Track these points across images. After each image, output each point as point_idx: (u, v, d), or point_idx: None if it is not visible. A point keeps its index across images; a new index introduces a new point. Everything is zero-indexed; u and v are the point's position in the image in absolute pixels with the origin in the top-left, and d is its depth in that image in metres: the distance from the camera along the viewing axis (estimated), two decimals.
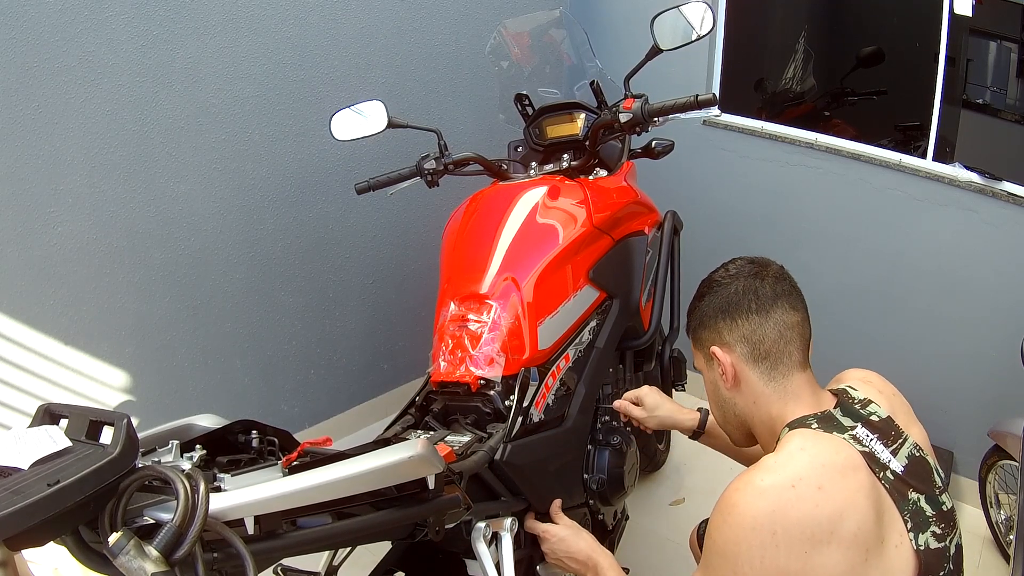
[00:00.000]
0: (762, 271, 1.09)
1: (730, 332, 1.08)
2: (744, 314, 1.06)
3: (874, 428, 1.01)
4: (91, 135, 1.72)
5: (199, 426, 0.98)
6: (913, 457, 1.01)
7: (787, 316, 1.07)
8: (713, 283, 1.11)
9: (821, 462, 0.94)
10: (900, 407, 1.11)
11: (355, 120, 1.71)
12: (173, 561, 0.69)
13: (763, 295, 1.07)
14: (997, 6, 1.97)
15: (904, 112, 2.24)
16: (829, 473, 0.93)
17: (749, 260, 1.13)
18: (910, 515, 0.97)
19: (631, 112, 1.55)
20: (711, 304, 1.10)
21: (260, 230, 2.12)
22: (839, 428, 1.00)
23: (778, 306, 1.07)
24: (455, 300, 1.41)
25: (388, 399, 2.57)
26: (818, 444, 0.97)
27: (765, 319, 1.06)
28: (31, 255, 1.69)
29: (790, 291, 1.09)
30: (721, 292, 1.09)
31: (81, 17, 1.64)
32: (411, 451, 0.88)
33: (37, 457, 0.70)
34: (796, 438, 0.99)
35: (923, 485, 1.00)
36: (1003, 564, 1.97)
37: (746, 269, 1.10)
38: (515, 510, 1.30)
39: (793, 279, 1.12)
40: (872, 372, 1.18)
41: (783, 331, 1.06)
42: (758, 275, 1.09)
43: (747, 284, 1.08)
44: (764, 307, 1.06)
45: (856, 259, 2.28)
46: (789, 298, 1.08)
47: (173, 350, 2.00)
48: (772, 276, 1.09)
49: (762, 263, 1.12)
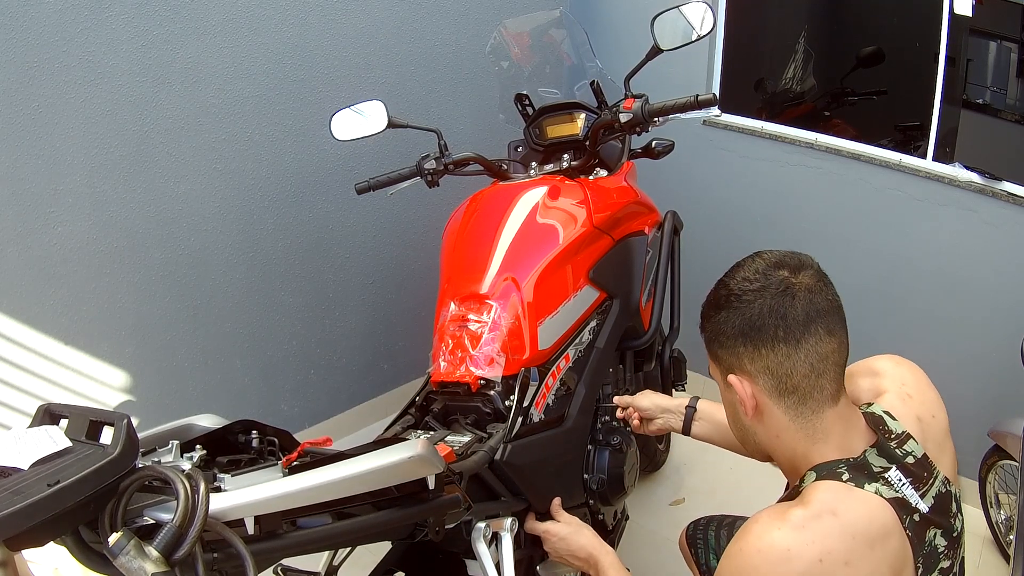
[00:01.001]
0: (793, 284, 0.91)
1: (752, 361, 0.93)
2: (770, 343, 0.90)
3: (908, 471, 0.93)
4: (91, 135, 1.72)
5: (199, 426, 0.98)
6: (940, 494, 0.95)
7: (821, 345, 0.90)
8: (733, 296, 0.94)
9: (852, 533, 0.86)
10: (935, 432, 1.03)
11: (355, 120, 1.70)
12: (173, 561, 0.69)
13: (793, 319, 0.90)
14: (997, 6, 1.97)
15: (904, 112, 2.24)
16: (859, 546, 0.86)
17: (778, 261, 0.94)
18: (923, 558, 0.92)
19: (631, 112, 1.55)
20: (730, 323, 0.94)
21: (260, 230, 2.12)
22: (871, 477, 0.91)
23: (811, 332, 0.90)
24: (455, 300, 1.41)
25: (388, 399, 2.57)
26: (851, 507, 0.88)
27: (795, 350, 0.90)
28: (31, 255, 1.69)
29: (827, 309, 0.92)
30: (743, 310, 0.92)
31: (81, 17, 1.64)
32: (411, 451, 0.88)
33: (37, 457, 0.70)
34: (827, 493, 0.89)
35: (943, 519, 0.95)
36: (1003, 564, 1.97)
37: (774, 281, 0.92)
38: (515, 510, 1.30)
39: (830, 285, 0.95)
40: (911, 372, 1.09)
41: (815, 363, 0.90)
42: (788, 291, 0.90)
43: (775, 304, 0.90)
44: (794, 335, 0.90)
45: (856, 259, 2.28)
46: (825, 320, 0.91)
47: (173, 350, 2.00)
48: (805, 290, 0.91)
49: (794, 266, 0.93)
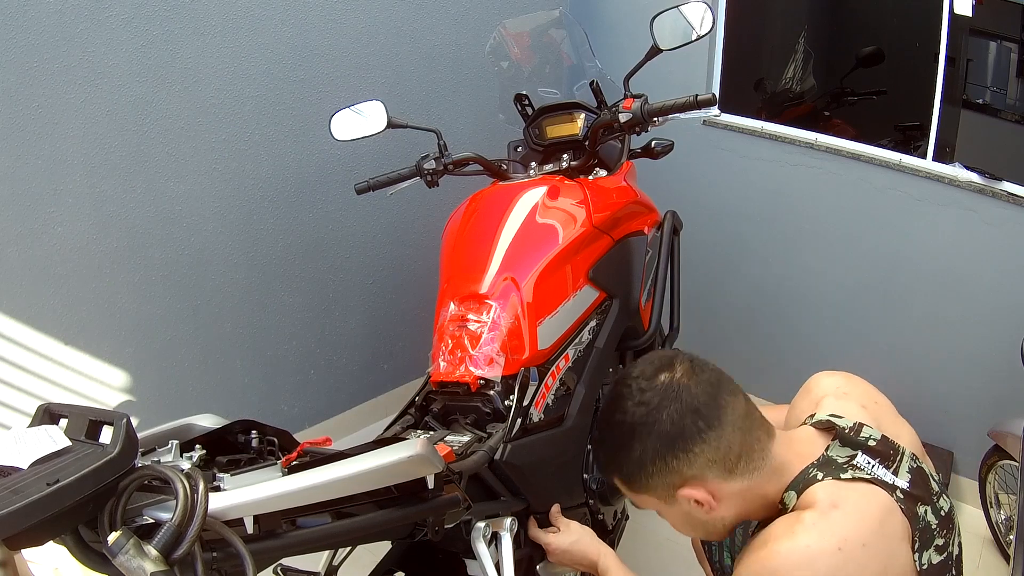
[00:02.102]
0: (678, 381, 0.94)
1: (690, 466, 0.93)
2: (698, 439, 0.92)
3: (874, 452, 0.97)
4: (91, 135, 1.72)
5: (199, 426, 0.98)
6: (913, 469, 0.99)
7: (736, 408, 0.94)
8: (637, 425, 0.94)
9: (859, 517, 0.90)
10: (884, 413, 1.07)
11: (355, 120, 1.71)
12: (172, 560, 0.69)
13: (703, 406, 0.92)
14: (997, 6, 1.97)
15: (904, 112, 2.24)
16: (870, 527, 0.89)
17: (649, 372, 0.96)
18: (919, 532, 0.94)
19: (631, 112, 1.55)
20: (649, 448, 0.94)
21: (260, 230, 2.12)
22: (840, 468, 0.95)
23: (722, 404, 0.93)
24: (455, 300, 1.41)
25: (388, 399, 2.58)
26: (849, 496, 0.92)
27: (721, 428, 0.92)
28: (31, 255, 1.69)
29: (716, 380, 0.95)
30: (654, 429, 0.93)
31: (81, 17, 1.64)
32: (410, 451, 0.88)
33: (37, 457, 0.70)
34: (822, 491, 0.92)
35: (925, 494, 0.98)
36: (1003, 564, 1.97)
37: (661, 388, 0.93)
38: (515, 510, 1.30)
39: (699, 359, 0.98)
40: (843, 376, 1.13)
41: (742, 425, 0.93)
42: (680, 388, 0.93)
43: (678, 406, 0.92)
44: (713, 417, 0.92)
45: (856, 259, 2.28)
46: (723, 388, 0.94)
47: (173, 350, 2.00)
48: (690, 378, 0.94)
49: (665, 365, 0.96)
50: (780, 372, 2.54)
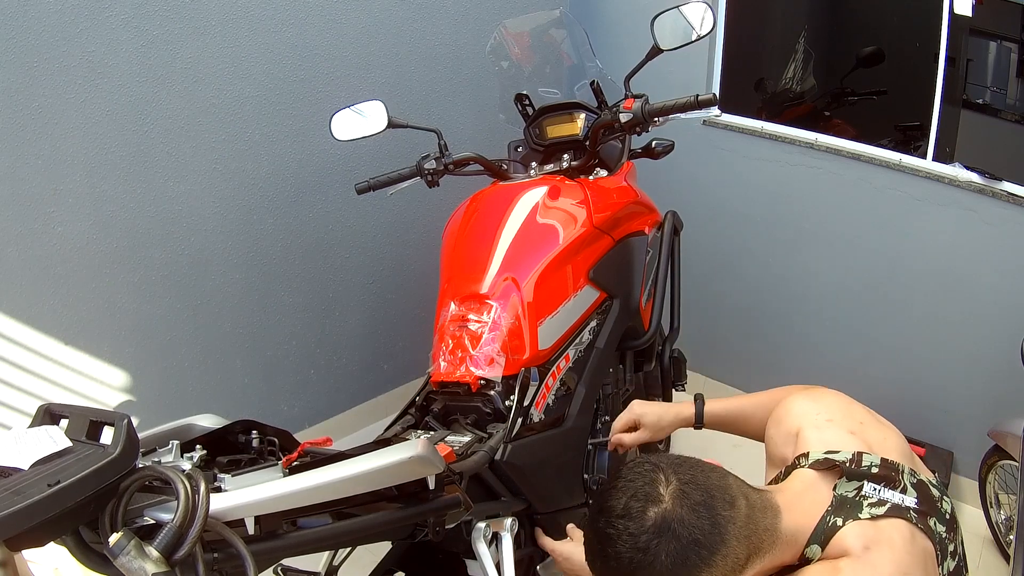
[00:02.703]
0: (668, 513, 0.86)
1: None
2: (702, 567, 0.86)
3: (878, 479, 0.96)
4: (91, 135, 1.72)
5: (199, 426, 0.98)
6: (915, 484, 0.98)
7: (736, 519, 0.88)
8: (636, 567, 0.86)
9: (891, 553, 0.89)
10: (869, 429, 1.05)
11: (355, 120, 1.70)
12: (173, 561, 0.69)
13: (702, 533, 0.85)
14: (997, 6, 1.97)
15: (904, 112, 2.24)
16: (904, 559, 0.89)
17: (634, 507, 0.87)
18: (938, 546, 0.94)
19: (631, 112, 1.55)
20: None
21: (260, 230, 2.12)
22: (855, 507, 0.93)
23: (719, 522, 0.86)
24: (455, 300, 1.41)
25: (388, 399, 2.57)
26: (876, 536, 0.91)
27: (726, 547, 0.86)
28: (31, 255, 1.69)
29: (707, 494, 0.88)
30: (656, 569, 0.85)
31: (81, 17, 1.63)
32: (411, 451, 0.88)
33: (37, 457, 0.70)
34: (851, 536, 0.91)
35: (931, 507, 0.97)
36: (1003, 564, 1.97)
37: (652, 525, 0.85)
38: (515, 510, 1.30)
39: (686, 467, 0.90)
40: (812, 399, 1.10)
41: (746, 531, 0.88)
42: (674, 522, 0.85)
43: (676, 545, 0.85)
44: (714, 543, 0.86)
45: (856, 259, 2.28)
46: (720, 501, 0.88)
47: (173, 350, 2.00)
48: (682, 505, 0.86)
49: (650, 496, 0.87)
50: (780, 372, 2.53)
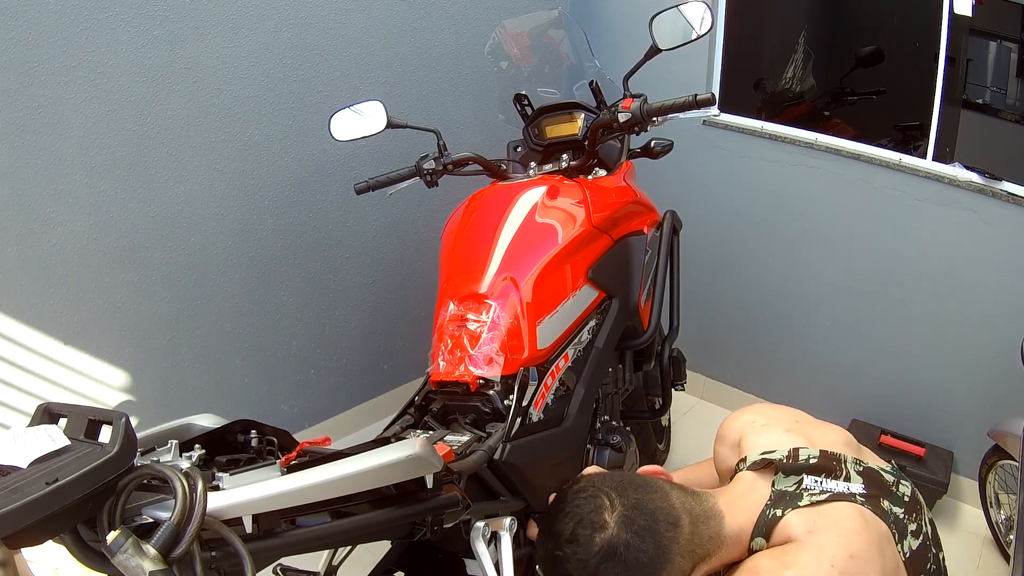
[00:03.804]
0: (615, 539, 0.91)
1: None
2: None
3: (818, 470, 0.99)
4: (91, 135, 1.72)
5: (198, 426, 0.98)
6: (861, 472, 1.01)
7: (679, 537, 0.93)
8: None
9: (837, 533, 0.92)
10: (807, 426, 1.08)
11: (354, 120, 1.71)
12: (171, 559, 0.69)
13: (649, 557, 0.90)
14: (997, 6, 1.97)
15: (904, 112, 2.24)
16: (851, 539, 0.92)
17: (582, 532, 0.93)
18: (894, 525, 0.97)
19: (630, 112, 1.55)
20: None
21: (260, 230, 2.12)
22: (795, 497, 0.97)
23: (665, 546, 0.91)
24: (454, 300, 1.41)
25: (388, 399, 2.58)
26: (819, 518, 0.94)
27: (670, 563, 0.92)
28: (31, 255, 1.69)
29: (650, 521, 0.92)
30: None
31: (81, 17, 1.64)
32: (409, 450, 0.88)
33: (36, 456, 0.71)
34: (795, 522, 0.94)
35: (883, 492, 1.00)
36: (1003, 564, 1.97)
37: (600, 551, 0.91)
38: (514, 509, 1.30)
39: (630, 489, 0.96)
40: (750, 411, 1.13)
41: (690, 547, 0.93)
42: (619, 551, 0.91)
43: (622, 569, 0.91)
44: (659, 562, 0.91)
45: (856, 259, 2.28)
46: (663, 522, 0.92)
47: (173, 350, 2.00)
48: (625, 529, 0.91)
49: (596, 522, 0.92)
50: (779, 372, 2.54)
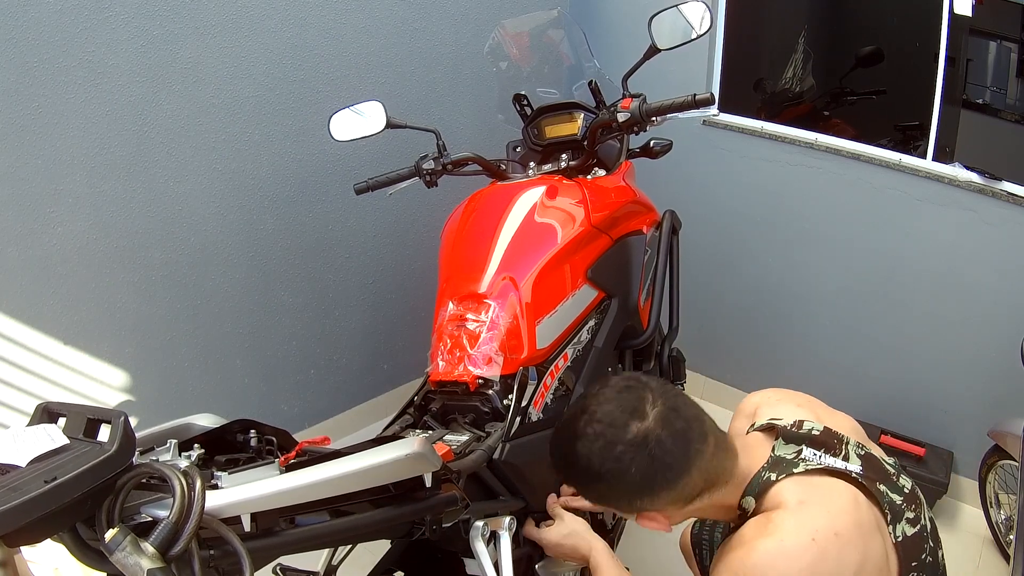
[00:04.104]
0: (651, 432, 0.93)
1: (653, 503, 0.97)
2: (664, 486, 0.94)
3: (818, 443, 1.00)
4: (91, 135, 1.72)
5: (198, 425, 0.98)
6: (862, 455, 1.02)
7: (704, 453, 0.95)
8: (605, 472, 0.94)
9: (826, 508, 0.93)
10: (819, 407, 1.11)
11: (354, 120, 1.71)
12: (169, 557, 0.69)
13: (673, 459, 0.93)
14: (997, 6, 1.97)
15: (904, 112, 2.24)
16: (839, 517, 0.92)
17: (620, 415, 0.94)
18: (888, 507, 0.98)
19: (629, 112, 1.55)
20: (616, 490, 0.96)
21: (260, 230, 2.12)
22: (790, 464, 0.98)
23: (692, 454, 0.94)
24: (453, 300, 1.41)
25: (387, 399, 2.58)
26: (812, 491, 0.95)
27: (688, 475, 0.95)
28: (31, 255, 1.69)
29: (687, 424, 0.95)
30: (622, 478, 0.94)
31: (81, 17, 1.64)
32: (408, 449, 0.88)
33: (35, 455, 0.71)
34: (786, 491, 0.96)
35: (881, 476, 1.01)
36: (1003, 564, 1.97)
37: (633, 439, 0.93)
38: (513, 509, 1.30)
39: (671, 395, 0.98)
40: (771, 390, 1.16)
41: (709, 467, 0.96)
42: (653, 442, 0.93)
43: (649, 462, 0.93)
44: (681, 468, 0.94)
45: (856, 259, 2.28)
46: (694, 433, 0.95)
47: (173, 350, 2.00)
48: (664, 428, 0.93)
49: (637, 409, 0.94)
50: (779, 372, 2.53)
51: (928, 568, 0.99)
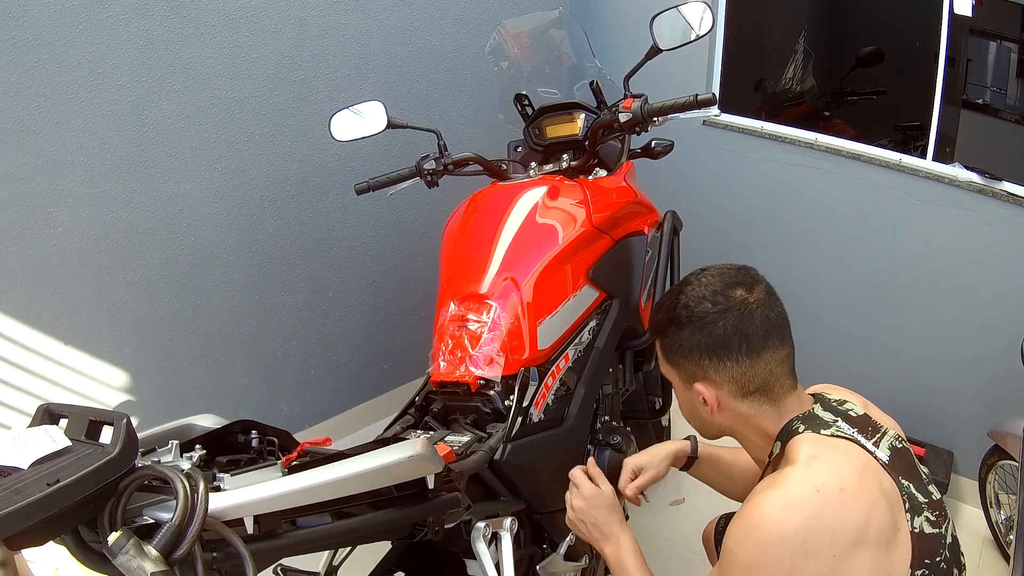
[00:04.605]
0: (750, 303, 1.01)
1: (716, 372, 1.03)
2: (734, 357, 1.01)
3: (854, 423, 1.04)
4: (91, 135, 1.72)
5: (199, 426, 0.98)
6: (895, 448, 1.04)
7: (777, 352, 1.02)
8: (695, 317, 1.02)
9: (837, 466, 0.95)
10: (870, 405, 1.15)
11: (355, 121, 1.70)
12: (172, 560, 0.69)
13: (754, 336, 1.00)
14: (997, 6, 1.97)
15: (904, 112, 2.24)
16: (847, 475, 0.94)
17: (732, 280, 1.03)
18: (907, 499, 0.99)
19: (630, 112, 1.55)
20: (694, 340, 1.03)
21: (260, 230, 2.12)
22: (823, 425, 1.02)
23: (769, 344, 1.01)
24: (455, 300, 1.41)
25: (388, 399, 2.58)
26: (828, 449, 0.98)
27: (756, 360, 1.01)
28: (31, 255, 1.69)
29: (778, 321, 1.03)
30: (707, 330, 1.01)
31: (81, 17, 1.64)
32: (411, 451, 0.88)
33: (37, 457, 0.70)
34: (805, 445, 0.99)
35: (909, 474, 1.02)
36: (1003, 564, 1.97)
37: (734, 302, 1.01)
38: (515, 510, 1.30)
39: (777, 297, 1.06)
40: (827, 384, 1.20)
41: (773, 368, 1.02)
42: (747, 311, 1.01)
43: (737, 323, 1.00)
44: (755, 348, 1.00)
45: (856, 259, 2.28)
46: (778, 331, 1.03)
47: (173, 350, 2.00)
48: (761, 307, 1.01)
49: (748, 283, 1.03)
50: None
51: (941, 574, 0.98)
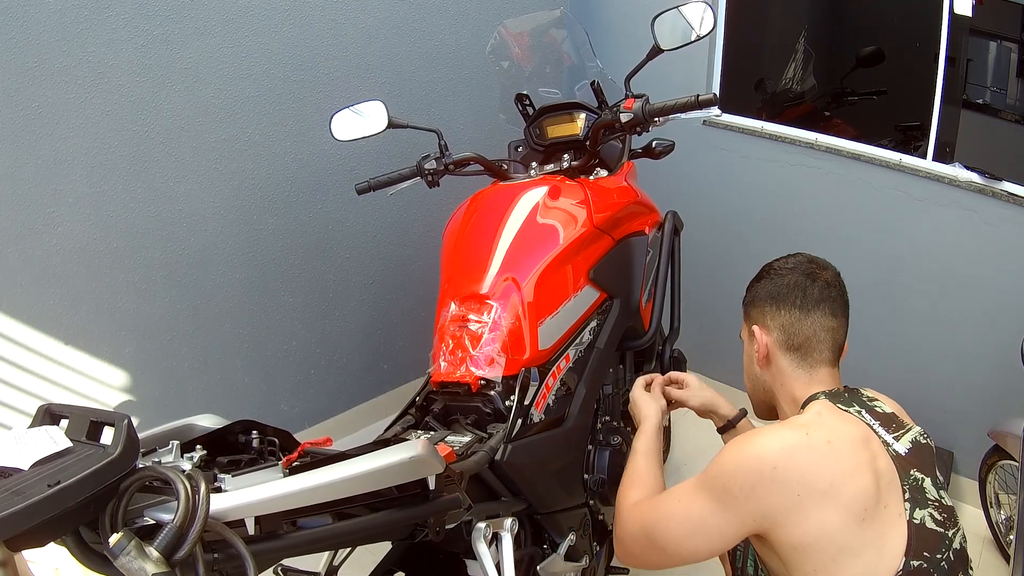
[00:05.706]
0: (817, 273, 1.19)
1: (772, 318, 1.19)
2: (788, 307, 1.17)
3: (876, 416, 1.10)
4: (91, 135, 1.72)
5: (199, 426, 0.97)
6: (918, 443, 1.09)
7: (825, 320, 1.17)
8: (772, 270, 1.23)
9: (835, 425, 1.04)
10: (901, 410, 1.20)
11: (355, 120, 1.70)
12: (174, 562, 0.69)
13: (809, 295, 1.17)
14: (997, 6, 1.97)
15: (904, 112, 2.24)
16: (841, 436, 1.02)
17: (812, 258, 1.22)
18: (910, 488, 1.02)
19: (632, 112, 1.55)
20: (764, 288, 1.22)
21: (260, 230, 2.12)
22: (844, 403, 1.11)
23: (820, 309, 1.17)
24: (455, 300, 1.41)
25: (388, 399, 2.57)
26: (835, 414, 1.08)
27: (805, 316, 1.16)
28: (31, 255, 1.69)
29: (836, 298, 1.18)
30: (776, 280, 1.20)
31: (81, 17, 1.64)
32: (411, 451, 0.88)
33: (37, 458, 0.70)
34: (815, 406, 1.11)
35: (926, 469, 1.06)
36: (1003, 564, 1.97)
37: (803, 267, 1.20)
38: (515, 510, 1.30)
39: (844, 289, 1.21)
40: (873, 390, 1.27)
41: (818, 331, 1.16)
42: (812, 275, 1.18)
43: (799, 280, 1.18)
44: (807, 306, 1.17)
45: (856, 259, 2.28)
46: (832, 304, 1.18)
47: (173, 350, 2.00)
48: (823, 280, 1.18)
49: (821, 265, 1.21)
50: None
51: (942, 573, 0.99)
